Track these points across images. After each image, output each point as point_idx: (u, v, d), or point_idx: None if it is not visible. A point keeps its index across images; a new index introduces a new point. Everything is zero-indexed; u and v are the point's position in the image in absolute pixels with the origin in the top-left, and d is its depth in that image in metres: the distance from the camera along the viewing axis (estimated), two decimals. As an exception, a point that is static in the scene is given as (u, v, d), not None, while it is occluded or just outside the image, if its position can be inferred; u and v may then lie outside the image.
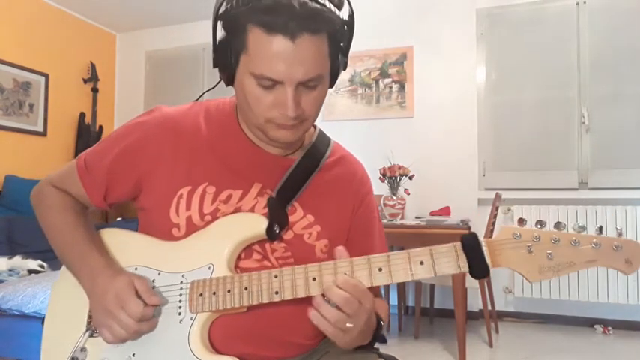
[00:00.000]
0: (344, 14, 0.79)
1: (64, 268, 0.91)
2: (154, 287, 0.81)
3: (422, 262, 0.72)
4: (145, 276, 0.81)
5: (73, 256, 0.85)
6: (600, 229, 0.70)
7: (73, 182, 0.90)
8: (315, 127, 0.96)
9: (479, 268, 0.70)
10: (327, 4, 0.76)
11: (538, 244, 0.70)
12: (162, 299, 0.79)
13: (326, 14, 0.75)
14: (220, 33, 0.79)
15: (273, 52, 0.72)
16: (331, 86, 0.84)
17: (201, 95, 0.99)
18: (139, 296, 0.77)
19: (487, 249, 0.71)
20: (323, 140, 0.95)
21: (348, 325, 0.71)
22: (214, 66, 0.81)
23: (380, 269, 0.73)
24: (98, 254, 0.83)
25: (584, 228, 0.70)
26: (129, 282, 0.78)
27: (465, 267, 0.71)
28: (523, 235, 0.71)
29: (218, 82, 0.87)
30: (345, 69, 0.85)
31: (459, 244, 0.72)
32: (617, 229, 0.71)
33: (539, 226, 0.71)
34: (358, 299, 0.71)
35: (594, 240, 0.69)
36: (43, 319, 0.92)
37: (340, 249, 0.75)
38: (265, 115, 0.78)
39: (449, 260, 0.72)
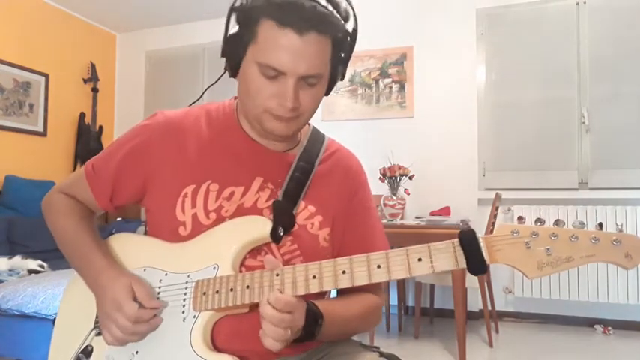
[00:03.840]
0: (349, 26, 0.85)
1: None
2: (160, 287, 0.83)
3: (420, 259, 0.73)
4: (148, 280, 0.83)
5: (78, 258, 0.89)
6: (600, 225, 0.69)
7: (81, 187, 0.94)
8: (309, 124, 1.00)
9: (477, 264, 0.71)
10: (335, 13, 0.81)
11: (536, 240, 0.70)
12: (162, 302, 0.81)
13: (333, 19, 0.81)
14: (232, 25, 0.84)
15: (282, 44, 0.77)
16: (326, 94, 0.89)
17: (205, 90, 1.07)
18: (137, 299, 0.79)
19: (485, 245, 0.71)
20: (317, 137, 0.99)
21: (284, 333, 0.72)
22: (222, 55, 0.86)
23: (379, 266, 0.74)
24: (101, 255, 0.86)
25: (583, 225, 0.70)
26: (127, 285, 0.80)
27: (462, 263, 0.71)
28: (521, 232, 0.71)
29: (222, 75, 0.93)
30: (342, 79, 0.90)
31: (456, 240, 0.72)
32: (617, 224, 0.71)
33: (538, 224, 0.71)
34: (289, 311, 0.72)
35: (593, 235, 0.68)
36: (43, 319, 0.93)
37: (269, 258, 0.79)
38: (264, 104, 0.82)
39: (447, 257, 0.72)
